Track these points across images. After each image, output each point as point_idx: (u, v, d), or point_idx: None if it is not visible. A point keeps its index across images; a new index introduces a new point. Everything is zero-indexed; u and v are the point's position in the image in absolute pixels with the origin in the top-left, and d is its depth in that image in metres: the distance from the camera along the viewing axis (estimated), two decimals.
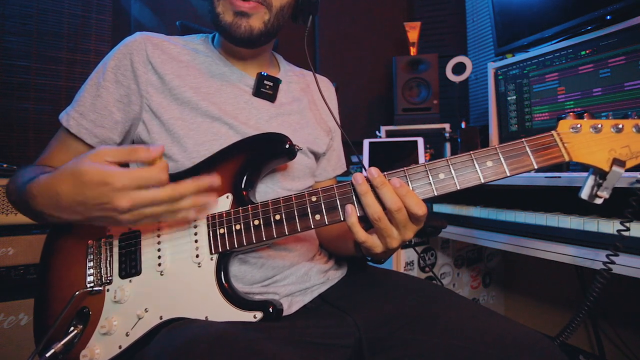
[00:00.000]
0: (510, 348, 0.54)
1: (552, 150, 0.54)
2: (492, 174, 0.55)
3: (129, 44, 0.71)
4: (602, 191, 0.54)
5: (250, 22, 0.69)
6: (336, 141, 0.93)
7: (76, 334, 0.60)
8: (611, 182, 0.53)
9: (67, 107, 0.72)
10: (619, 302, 1.35)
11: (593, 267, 0.81)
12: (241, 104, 0.75)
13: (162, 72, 0.70)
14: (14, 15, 1.73)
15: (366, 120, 2.17)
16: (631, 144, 0.53)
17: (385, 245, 0.57)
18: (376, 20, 2.21)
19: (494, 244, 1.07)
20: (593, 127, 0.54)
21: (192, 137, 0.69)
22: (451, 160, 0.56)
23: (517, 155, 0.55)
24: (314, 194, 0.59)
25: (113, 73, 0.70)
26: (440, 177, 0.56)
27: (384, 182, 0.54)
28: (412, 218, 0.55)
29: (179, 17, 1.35)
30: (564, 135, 0.55)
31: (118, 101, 0.70)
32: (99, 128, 0.70)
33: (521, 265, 1.75)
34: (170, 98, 0.70)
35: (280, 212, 0.59)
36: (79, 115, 0.69)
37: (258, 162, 0.66)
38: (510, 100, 1.42)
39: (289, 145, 0.66)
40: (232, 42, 0.74)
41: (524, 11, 1.39)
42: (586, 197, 0.56)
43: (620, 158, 0.52)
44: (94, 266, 0.65)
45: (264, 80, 0.77)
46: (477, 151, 0.55)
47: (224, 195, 0.63)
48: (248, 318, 0.58)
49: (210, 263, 0.61)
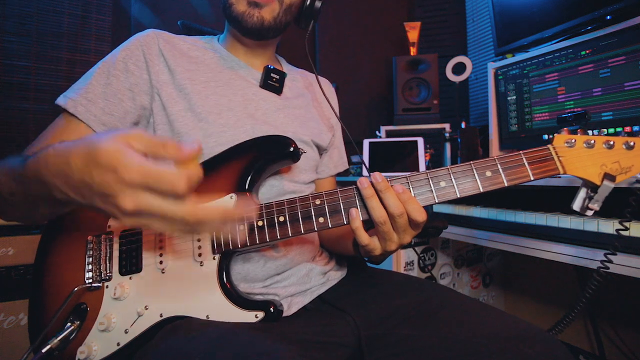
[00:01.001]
0: (511, 340, 0.54)
1: (548, 163, 0.57)
2: (490, 184, 0.57)
3: (140, 37, 0.72)
4: (593, 204, 0.57)
5: (262, 13, 0.71)
6: (337, 138, 0.95)
7: (73, 330, 0.60)
8: (602, 196, 0.56)
9: (66, 92, 0.68)
10: (619, 302, 1.35)
11: (591, 267, 0.81)
12: (249, 95, 0.76)
13: (173, 66, 0.71)
14: (14, 15, 1.73)
15: (366, 120, 2.17)
16: (621, 159, 0.56)
17: (384, 248, 0.59)
18: (376, 20, 2.21)
19: (494, 244, 1.07)
20: (586, 142, 0.57)
21: (202, 128, 0.69)
22: (452, 169, 0.58)
23: (515, 166, 0.57)
24: (318, 197, 0.60)
25: (124, 63, 0.70)
26: (442, 185, 0.58)
27: (387, 187, 0.55)
28: (411, 224, 0.57)
29: (179, 17, 1.35)
30: (559, 150, 0.58)
31: (129, 90, 0.69)
32: (108, 116, 0.68)
33: (521, 265, 1.75)
34: (180, 91, 0.71)
35: (284, 214, 0.60)
36: (87, 101, 0.67)
37: (262, 164, 0.66)
38: (510, 100, 1.42)
39: (293, 149, 0.66)
40: (242, 32, 0.76)
41: (524, 11, 1.39)
42: (578, 209, 0.58)
43: (611, 173, 0.55)
44: (93, 262, 0.64)
45: (271, 73, 0.79)
46: (477, 161, 0.58)
47: (228, 196, 0.63)
48: (249, 318, 0.59)
49: (212, 262, 0.61)
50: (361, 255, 0.67)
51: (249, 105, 0.75)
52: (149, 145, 0.40)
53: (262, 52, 0.82)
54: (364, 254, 0.63)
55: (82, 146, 0.41)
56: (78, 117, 0.66)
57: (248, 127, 0.72)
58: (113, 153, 0.38)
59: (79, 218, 0.67)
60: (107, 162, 0.38)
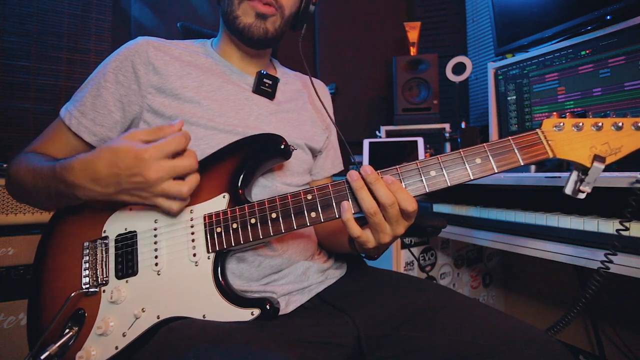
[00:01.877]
0: (511, 342, 0.54)
1: (536, 147, 0.57)
2: (480, 170, 0.57)
3: (130, 47, 0.73)
4: (584, 186, 0.57)
5: (266, 24, 0.74)
6: (332, 140, 0.95)
7: (71, 336, 0.60)
8: (592, 177, 0.56)
9: (67, 103, 0.74)
10: (619, 302, 1.35)
11: (592, 267, 0.81)
12: (242, 100, 0.77)
13: (164, 73, 0.72)
14: (14, 15, 1.73)
15: (366, 120, 2.17)
16: (610, 141, 0.56)
17: (377, 240, 0.58)
18: (376, 20, 2.21)
19: (494, 244, 1.07)
20: (575, 125, 0.57)
21: (193, 132, 0.70)
22: (442, 158, 0.58)
23: (504, 152, 0.57)
24: (310, 192, 0.60)
25: (114, 74, 0.72)
26: (432, 175, 0.58)
27: (377, 179, 0.56)
28: (403, 214, 0.57)
29: (179, 17, 1.35)
30: (548, 133, 0.58)
31: (118, 101, 0.72)
32: (98, 127, 0.71)
33: (521, 265, 1.75)
34: (172, 97, 0.72)
35: (276, 210, 0.60)
36: (79, 114, 0.71)
37: (253, 162, 0.67)
38: (510, 100, 1.42)
39: (284, 146, 0.67)
40: (246, 43, 0.77)
41: (524, 11, 1.39)
42: (570, 192, 0.58)
43: (601, 154, 0.55)
44: (90, 267, 0.65)
45: (264, 79, 0.80)
46: (466, 149, 0.58)
47: (220, 195, 0.64)
48: (245, 315, 0.59)
49: (207, 262, 0.61)
50: (357, 251, 0.68)
51: (241, 111, 0.76)
52: (148, 135, 0.58)
53: (257, 58, 0.83)
54: (359, 247, 0.63)
55: (104, 151, 0.57)
56: (71, 129, 0.71)
57: (240, 131, 0.72)
58: (129, 147, 0.55)
59: (75, 225, 0.68)
60: (129, 154, 0.55)
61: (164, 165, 0.55)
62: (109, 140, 0.72)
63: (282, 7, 0.75)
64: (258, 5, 0.72)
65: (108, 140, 0.66)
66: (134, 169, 0.55)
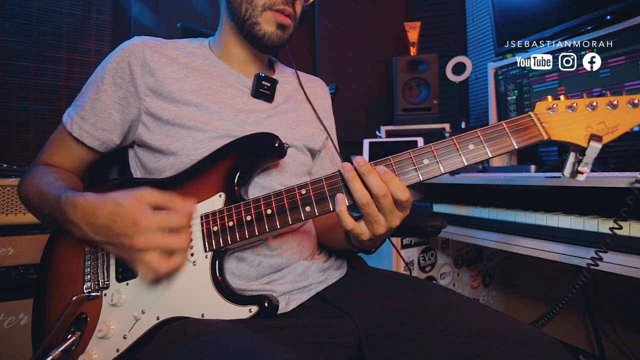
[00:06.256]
0: (511, 343, 0.54)
1: (530, 130, 0.56)
2: (474, 156, 0.56)
3: (126, 48, 0.73)
4: (582, 167, 0.55)
5: (284, 34, 0.76)
6: (330, 140, 0.94)
7: (74, 341, 0.61)
8: (590, 157, 0.55)
9: (69, 108, 0.74)
10: (619, 302, 1.35)
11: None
12: (240, 104, 0.76)
13: (161, 76, 0.72)
14: (14, 15, 1.73)
15: (366, 120, 2.17)
16: (606, 119, 0.55)
17: (372, 231, 0.58)
18: (376, 20, 2.21)
19: (493, 244, 1.07)
20: (569, 106, 0.56)
21: (191, 136, 0.70)
22: (435, 146, 0.57)
23: (498, 136, 0.56)
24: (304, 187, 0.60)
25: (111, 76, 0.72)
26: (425, 163, 0.57)
27: (370, 170, 0.55)
28: (397, 204, 0.56)
29: (179, 17, 1.35)
30: (542, 116, 0.57)
31: (117, 103, 0.72)
32: (100, 131, 0.72)
33: (521, 265, 1.75)
34: (169, 101, 0.71)
35: (271, 206, 0.60)
36: (80, 119, 0.72)
37: (249, 161, 0.67)
38: (510, 100, 1.42)
39: (278, 144, 0.67)
40: (260, 48, 0.78)
41: (524, 11, 1.39)
42: (568, 175, 0.57)
43: (597, 134, 0.54)
44: (91, 272, 0.65)
45: (262, 81, 0.79)
46: (459, 135, 0.57)
47: (217, 195, 0.64)
48: (244, 313, 0.58)
49: (205, 261, 0.61)
50: (353, 245, 0.67)
51: (239, 114, 0.75)
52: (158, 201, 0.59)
53: (260, 60, 0.83)
54: (354, 241, 0.63)
55: (108, 202, 0.57)
56: (73, 135, 0.72)
57: (238, 135, 0.72)
58: (133, 208, 0.56)
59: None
60: (129, 214, 0.56)
61: (155, 238, 0.56)
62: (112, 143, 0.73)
63: (296, 17, 0.78)
64: (281, 16, 0.74)
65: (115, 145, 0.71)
66: (127, 230, 0.55)
